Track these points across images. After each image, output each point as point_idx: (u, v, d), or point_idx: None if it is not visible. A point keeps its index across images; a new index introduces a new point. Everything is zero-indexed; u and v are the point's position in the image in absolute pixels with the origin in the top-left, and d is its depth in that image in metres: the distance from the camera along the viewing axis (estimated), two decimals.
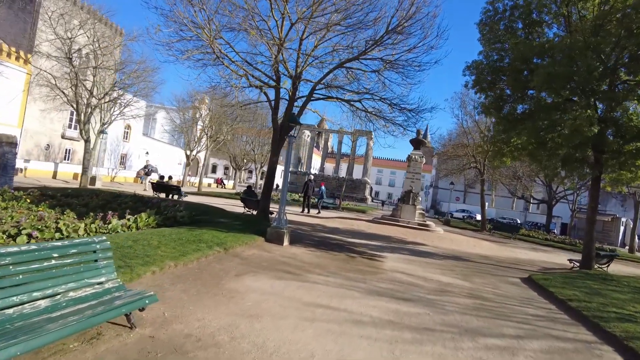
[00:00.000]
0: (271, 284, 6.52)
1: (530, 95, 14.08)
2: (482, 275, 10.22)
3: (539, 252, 20.40)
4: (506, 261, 14.15)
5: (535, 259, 16.66)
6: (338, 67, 14.36)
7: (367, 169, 61.86)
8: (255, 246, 9.47)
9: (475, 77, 14.25)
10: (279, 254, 9.04)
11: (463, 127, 29.15)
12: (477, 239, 20.68)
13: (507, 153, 14.13)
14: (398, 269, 9.45)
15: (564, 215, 49.18)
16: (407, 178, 20.54)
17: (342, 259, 9.77)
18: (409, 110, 14.33)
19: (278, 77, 14.12)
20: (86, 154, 20.58)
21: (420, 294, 7.29)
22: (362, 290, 6.95)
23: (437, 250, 14.29)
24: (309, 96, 14.60)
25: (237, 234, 10.03)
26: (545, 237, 28.41)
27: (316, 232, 14.55)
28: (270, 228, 10.31)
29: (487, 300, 7.53)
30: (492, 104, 14.19)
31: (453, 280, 9.03)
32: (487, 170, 29.78)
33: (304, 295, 6.15)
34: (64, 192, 14.86)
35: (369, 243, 13.36)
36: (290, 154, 10.46)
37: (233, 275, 6.69)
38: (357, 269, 8.70)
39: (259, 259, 8.26)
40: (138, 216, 9.72)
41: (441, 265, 11.01)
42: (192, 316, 4.68)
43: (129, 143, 53.56)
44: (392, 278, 8.29)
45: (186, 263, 6.90)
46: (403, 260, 10.87)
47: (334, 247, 11.35)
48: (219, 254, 7.94)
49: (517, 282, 10.03)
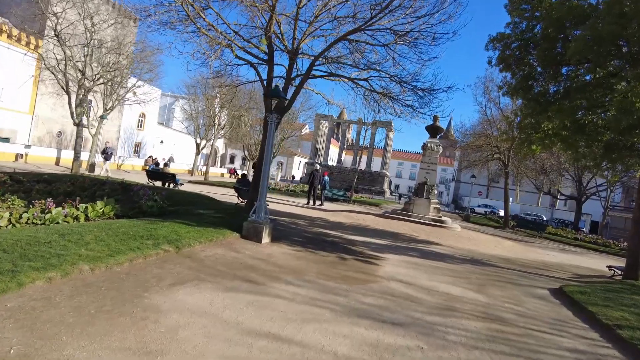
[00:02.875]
0: (212, 298, 4.91)
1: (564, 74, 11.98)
2: (502, 285, 8.35)
3: (569, 253, 18.20)
4: (532, 265, 12.17)
5: (565, 262, 14.57)
6: (342, 39, 12.53)
7: (386, 161, 59.75)
8: (223, 244, 7.88)
9: (500, 52, 12.20)
10: (249, 255, 7.43)
11: (486, 115, 26.80)
12: (498, 238, 18.62)
13: (537, 140, 12.05)
14: (397, 275, 7.70)
15: (594, 212, 45.96)
16: (421, 169, 18.56)
17: (330, 261, 8.08)
18: (422, 89, 12.43)
19: (271, 52, 12.43)
20: (78, 139, 19.47)
21: (417, 313, 5.55)
22: (339, 308, 5.27)
23: (450, 251, 12.42)
24: (307, 73, 12.84)
25: (208, 228, 8.47)
26: (575, 237, 25.92)
27: (313, 227, 12.90)
28: (247, 222, 8.70)
29: (506, 323, 5.73)
30: (519, 84, 12.11)
31: (464, 292, 7.23)
32: (511, 162, 27.37)
33: (251, 317, 4.52)
34: (39, 177, 13.68)
35: (371, 241, 11.61)
36: (271, 135, 8.79)
37: (167, 285, 5.12)
38: (343, 276, 7.01)
39: (219, 261, 6.67)
40: (90, 205, 8.27)
41: (453, 270, 9.18)
42: (54, 354, 3.11)
43: (143, 131, 53.04)
44: (385, 289, 6.56)
45: (111, 266, 5.36)
46: (406, 263, 9.09)
47: (326, 246, 9.67)
48: (165, 255, 6.38)
49: (546, 294, 8.13)
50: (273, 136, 8.90)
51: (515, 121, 14.26)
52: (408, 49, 12.68)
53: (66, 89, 18.65)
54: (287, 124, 42.38)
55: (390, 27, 12.08)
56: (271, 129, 8.78)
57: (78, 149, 19.56)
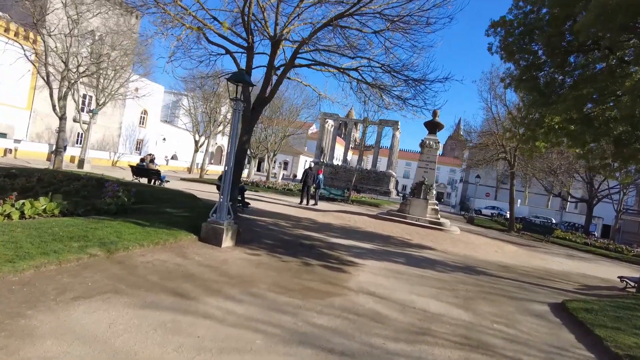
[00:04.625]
0: (116, 317, 3.94)
1: (572, 62, 10.83)
2: (493, 299, 7.26)
3: (577, 260, 16.93)
4: (533, 273, 11.02)
5: (572, 270, 13.36)
6: (329, 24, 11.49)
7: (392, 161, 58.57)
8: (172, 248, 6.91)
9: (502, 39, 11.08)
10: (198, 261, 6.45)
11: (492, 113, 25.53)
12: (501, 242, 17.43)
13: (541, 136, 10.90)
14: (370, 287, 6.65)
15: (605, 216, 44.26)
16: (419, 167, 17.43)
17: (295, 269, 7.07)
18: (414, 80, 11.35)
19: (251, 38, 11.44)
20: (61, 133, 18.67)
21: (379, 339, 4.51)
22: (278, 332, 4.26)
23: (443, 256, 11.32)
24: (291, 60, 11.82)
25: (161, 229, 7.52)
26: (585, 241, 24.52)
27: (296, 228, 11.89)
28: (206, 223, 7.72)
29: (490, 352, 4.66)
30: (523, 73, 10.98)
31: (447, 308, 6.16)
32: (517, 161, 26.04)
33: (152, 344, 3.53)
34: (7, 171, 12.89)
35: (356, 245, 10.57)
36: (236, 125, 7.80)
37: (67, 299, 4.15)
38: (303, 288, 5.99)
39: (155, 268, 5.69)
40: (29, 202, 7.37)
41: (440, 280, 8.10)
42: None
43: (145, 129, 52.54)
44: (349, 305, 5.53)
45: (6, 274, 4.42)
46: (387, 272, 8.04)
47: (300, 251, 8.66)
48: (90, 260, 5.43)
49: (545, 311, 7.01)
50: (238, 127, 7.90)
51: (518, 116, 13.10)
52: (401, 36, 11.64)
53: (47, 80, 17.90)
54: (289, 122, 41.46)
55: (381, 12, 11.04)
56: (235, 119, 7.79)
57: (60, 144, 18.79)
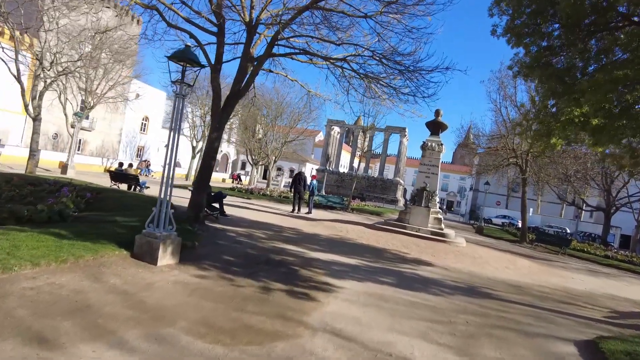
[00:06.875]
0: None
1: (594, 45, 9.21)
2: (502, 337, 5.57)
3: (601, 276, 14.98)
4: (552, 296, 9.26)
5: (597, 290, 11.49)
6: (311, 7, 10.05)
7: (399, 168, 57.04)
8: (85, 266, 5.37)
9: (510, 18, 9.50)
10: (110, 286, 4.91)
11: (501, 115, 23.82)
12: (512, 255, 15.63)
13: (557, 130, 9.23)
14: (338, 322, 5.03)
15: (624, 225, 41.89)
16: (420, 172, 15.77)
17: (244, 296, 5.48)
18: (408, 68, 9.81)
19: (221, 23, 10.04)
20: (34, 135, 17.48)
21: None
22: None
23: (443, 274, 9.62)
24: (269, 48, 10.40)
25: (84, 242, 6.01)
26: (606, 254, 22.45)
27: (272, 240, 10.30)
28: (140, 236, 6.19)
29: None
30: (536, 59, 9.36)
31: (438, 353, 4.52)
32: (530, 167, 24.19)
33: None
34: None
35: (338, 261, 8.95)
36: (180, 113, 6.31)
37: None
38: (240, 326, 4.40)
39: (37, 297, 4.16)
40: None
41: (434, 309, 6.44)
42: None
43: (146, 135, 51.72)
44: (295, 355, 3.91)
45: None
46: (367, 297, 6.40)
47: (263, 270, 7.08)
48: None
49: (572, 355, 5.32)
50: (182, 114, 6.41)
51: (532, 110, 11.46)
52: (397, 22, 10.13)
53: (17, 77, 16.74)
54: (290, 128, 40.03)
55: None
56: (179, 105, 6.30)
57: (34, 146, 17.57)
